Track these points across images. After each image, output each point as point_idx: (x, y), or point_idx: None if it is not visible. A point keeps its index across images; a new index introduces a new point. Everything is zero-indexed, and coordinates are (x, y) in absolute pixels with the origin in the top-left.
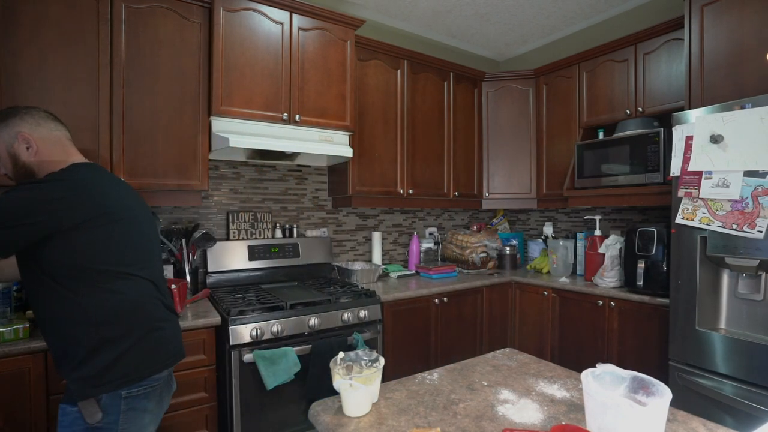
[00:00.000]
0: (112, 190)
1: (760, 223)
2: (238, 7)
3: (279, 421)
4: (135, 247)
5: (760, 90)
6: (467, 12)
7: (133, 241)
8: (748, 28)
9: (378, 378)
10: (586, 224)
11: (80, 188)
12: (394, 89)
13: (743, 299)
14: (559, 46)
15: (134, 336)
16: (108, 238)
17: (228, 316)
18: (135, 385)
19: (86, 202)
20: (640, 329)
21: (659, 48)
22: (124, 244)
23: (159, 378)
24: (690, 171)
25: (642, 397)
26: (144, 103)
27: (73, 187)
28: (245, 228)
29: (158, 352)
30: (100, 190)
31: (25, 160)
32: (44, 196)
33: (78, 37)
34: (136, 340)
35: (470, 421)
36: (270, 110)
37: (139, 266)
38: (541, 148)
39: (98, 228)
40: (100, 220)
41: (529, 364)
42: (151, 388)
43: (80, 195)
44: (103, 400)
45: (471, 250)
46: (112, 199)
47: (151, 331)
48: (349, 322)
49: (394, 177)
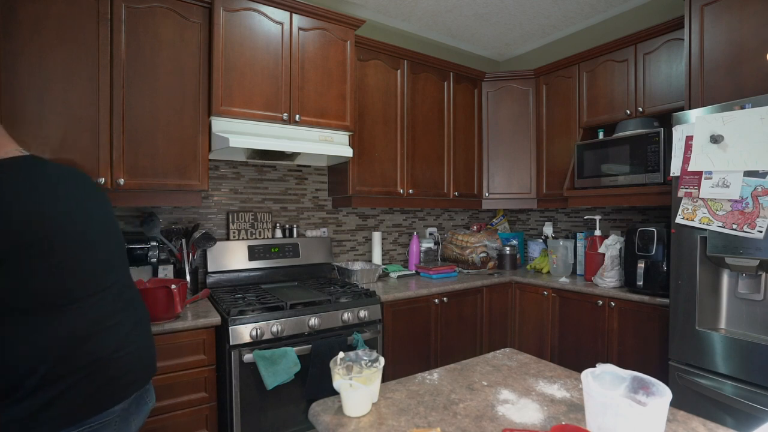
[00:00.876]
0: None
1: (760, 223)
2: (238, 7)
3: (279, 421)
4: (80, 268)
5: (760, 90)
6: (467, 12)
7: (76, 264)
8: (748, 28)
9: (378, 378)
10: (586, 224)
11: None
12: (394, 89)
13: (743, 299)
14: (559, 46)
15: (76, 375)
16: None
17: (228, 316)
18: (77, 426)
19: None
20: (640, 329)
21: (659, 48)
22: (63, 271)
23: (111, 412)
24: (690, 171)
25: (642, 397)
26: (144, 103)
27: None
28: (245, 228)
29: (108, 388)
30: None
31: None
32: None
33: (78, 37)
34: (77, 378)
35: (470, 421)
36: (270, 110)
37: (88, 290)
38: (541, 148)
39: (24, 260)
40: (25, 251)
41: (529, 364)
42: (100, 425)
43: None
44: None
45: (471, 250)
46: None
47: (99, 366)
48: (349, 322)
49: (394, 177)
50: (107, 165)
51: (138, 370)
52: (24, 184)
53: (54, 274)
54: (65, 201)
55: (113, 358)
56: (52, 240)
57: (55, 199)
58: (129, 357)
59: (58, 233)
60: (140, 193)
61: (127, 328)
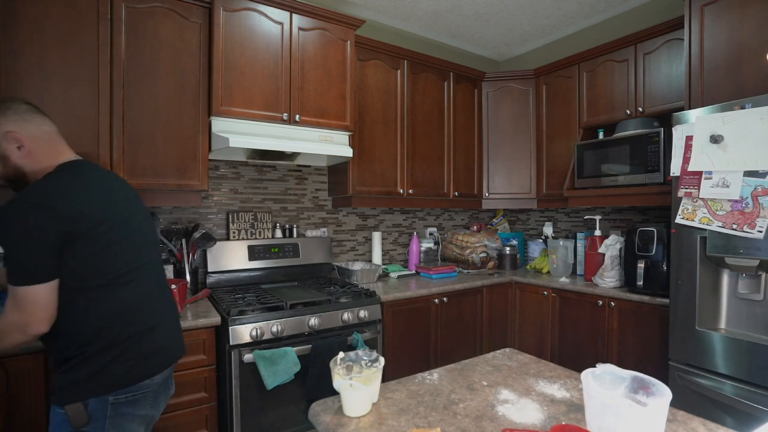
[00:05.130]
0: (100, 194)
1: (760, 223)
2: (238, 7)
3: (279, 421)
4: (129, 251)
5: (760, 90)
6: (467, 12)
7: (126, 246)
8: (748, 28)
9: (378, 378)
10: (586, 224)
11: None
12: (394, 89)
13: (743, 299)
14: (559, 46)
15: (125, 343)
16: (102, 248)
17: (228, 316)
18: (123, 391)
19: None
20: (640, 329)
21: (659, 48)
22: (117, 251)
23: (151, 384)
24: (690, 171)
25: (642, 397)
26: (144, 103)
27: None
28: (245, 228)
29: (150, 358)
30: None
31: (16, 161)
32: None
33: (78, 37)
34: (126, 347)
35: (470, 421)
36: (270, 110)
37: (134, 271)
38: (541, 148)
39: (94, 237)
40: (91, 233)
41: (529, 364)
42: (141, 395)
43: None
44: (90, 405)
45: (471, 250)
46: (100, 206)
47: (143, 338)
48: (349, 322)
49: (394, 177)
50: (107, 165)
51: (172, 346)
52: (90, 179)
53: (114, 252)
54: (116, 193)
55: (155, 330)
56: (112, 223)
57: (111, 191)
58: (166, 332)
59: (115, 217)
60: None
61: (162, 304)
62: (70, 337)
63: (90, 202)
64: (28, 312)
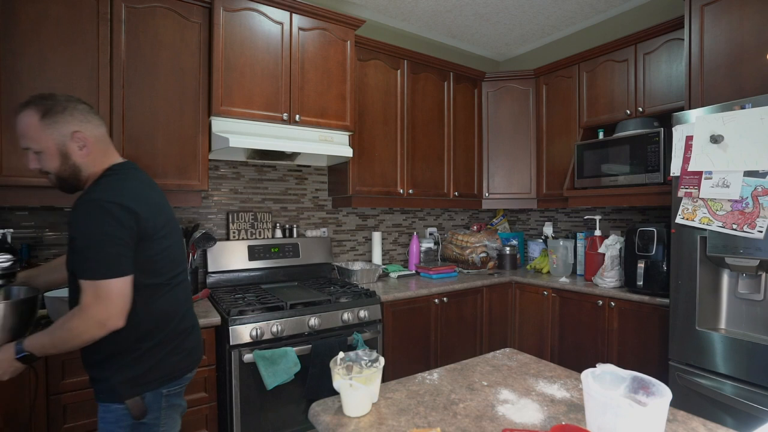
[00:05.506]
0: (151, 197)
1: (760, 223)
2: (238, 7)
3: (279, 421)
4: (179, 254)
5: (760, 90)
6: (467, 12)
7: (177, 250)
8: (748, 28)
9: (378, 378)
10: (586, 224)
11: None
12: (394, 89)
13: (743, 299)
14: (559, 46)
15: (176, 340)
16: (163, 249)
17: (228, 316)
18: (173, 383)
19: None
20: (640, 329)
21: (659, 48)
22: (172, 254)
23: (190, 376)
24: (690, 171)
25: (642, 397)
26: (144, 103)
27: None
28: (245, 228)
29: (192, 353)
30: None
31: (75, 160)
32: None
33: (78, 37)
34: (177, 343)
35: (470, 421)
36: (270, 110)
37: (182, 273)
38: (541, 148)
39: (156, 241)
40: (157, 234)
41: (529, 364)
42: (180, 389)
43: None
44: (147, 398)
45: (471, 250)
46: (161, 210)
47: (188, 335)
48: (349, 322)
49: (394, 177)
50: None
51: (202, 343)
52: (149, 183)
53: (170, 255)
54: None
55: (194, 328)
56: (170, 227)
57: (163, 196)
58: (198, 332)
59: (171, 222)
60: None
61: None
62: (126, 333)
63: (154, 205)
64: (112, 305)
